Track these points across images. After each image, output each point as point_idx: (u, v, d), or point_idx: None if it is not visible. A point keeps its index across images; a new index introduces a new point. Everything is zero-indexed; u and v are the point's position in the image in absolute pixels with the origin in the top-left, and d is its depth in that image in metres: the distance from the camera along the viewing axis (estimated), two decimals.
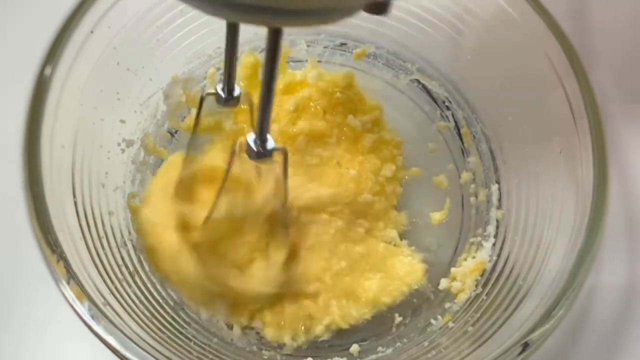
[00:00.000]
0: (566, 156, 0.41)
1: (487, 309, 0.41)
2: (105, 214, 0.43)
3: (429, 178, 0.52)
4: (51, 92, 0.38)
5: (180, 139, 0.51)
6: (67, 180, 0.40)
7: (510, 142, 0.48)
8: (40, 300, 0.48)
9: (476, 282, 0.45)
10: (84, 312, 0.34)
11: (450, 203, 0.51)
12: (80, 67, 0.41)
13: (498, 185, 0.48)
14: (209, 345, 0.42)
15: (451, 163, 0.52)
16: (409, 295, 0.47)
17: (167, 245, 0.43)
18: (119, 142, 0.46)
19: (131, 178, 0.48)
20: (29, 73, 0.38)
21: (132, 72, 0.46)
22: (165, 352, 0.36)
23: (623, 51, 0.59)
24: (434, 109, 0.54)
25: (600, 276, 0.51)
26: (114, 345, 0.34)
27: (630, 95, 0.58)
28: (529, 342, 0.35)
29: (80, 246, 0.38)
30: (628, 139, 0.55)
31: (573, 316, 0.49)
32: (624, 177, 0.54)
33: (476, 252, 0.47)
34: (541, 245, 0.41)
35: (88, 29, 0.41)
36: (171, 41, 0.48)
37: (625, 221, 0.53)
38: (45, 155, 0.37)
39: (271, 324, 0.46)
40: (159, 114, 0.50)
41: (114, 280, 0.39)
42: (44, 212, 0.36)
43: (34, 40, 0.38)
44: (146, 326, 0.38)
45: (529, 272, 0.41)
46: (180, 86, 0.50)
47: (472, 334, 0.40)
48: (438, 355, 0.40)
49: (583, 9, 0.59)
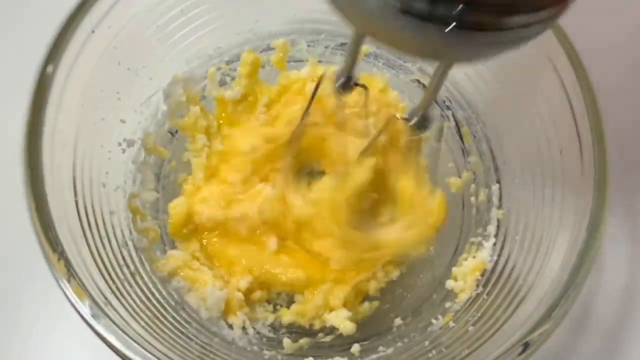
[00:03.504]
0: (566, 156, 0.41)
1: (488, 309, 0.41)
2: (106, 213, 0.43)
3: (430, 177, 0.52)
4: (52, 92, 0.38)
5: (181, 139, 0.52)
6: (68, 180, 0.40)
7: (511, 141, 0.48)
8: (40, 300, 0.48)
9: (477, 282, 0.45)
10: (85, 312, 0.34)
11: (450, 202, 0.51)
12: (81, 67, 0.41)
13: (498, 185, 0.48)
14: (209, 344, 0.42)
15: (451, 163, 0.52)
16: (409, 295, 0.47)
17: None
18: (120, 141, 0.46)
19: (132, 178, 0.48)
20: (30, 73, 0.38)
21: (133, 72, 0.46)
22: (166, 352, 0.36)
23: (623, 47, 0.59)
24: (435, 108, 0.53)
25: (600, 276, 0.51)
26: (115, 344, 0.34)
27: (630, 94, 0.58)
28: (529, 342, 0.35)
29: (81, 246, 0.38)
30: (628, 138, 0.55)
31: (573, 316, 0.49)
32: (624, 177, 0.54)
33: (477, 251, 0.47)
34: (541, 245, 0.41)
35: (89, 29, 0.41)
36: (171, 41, 0.48)
37: (626, 221, 0.53)
38: (46, 154, 0.37)
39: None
40: (160, 113, 0.50)
41: (115, 279, 0.39)
42: (45, 211, 0.36)
43: (35, 40, 0.38)
44: (147, 326, 0.38)
45: (529, 272, 0.41)
46: (181, 86, 0.50)
47: (473, 334, 0.40)
48: (439, 355, 0.40)
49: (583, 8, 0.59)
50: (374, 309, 0.49)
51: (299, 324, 0.48)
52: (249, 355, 0.44)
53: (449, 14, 0.24)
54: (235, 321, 0.46)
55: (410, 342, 0.44)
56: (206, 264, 0.48)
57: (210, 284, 0.46)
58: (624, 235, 0.53)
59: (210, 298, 0.45)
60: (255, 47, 0.52)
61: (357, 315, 0.48)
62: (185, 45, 0.49)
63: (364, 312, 0.48)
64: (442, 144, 0.52)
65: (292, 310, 0.48)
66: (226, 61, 0.52)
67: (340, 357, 0.44)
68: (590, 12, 0.59)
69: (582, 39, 0.41)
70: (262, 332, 0.47)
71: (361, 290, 0.48)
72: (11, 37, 0.58)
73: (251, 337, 0.46)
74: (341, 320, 0.46)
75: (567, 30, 0.41)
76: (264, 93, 0.52)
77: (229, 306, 0.47)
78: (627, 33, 0.60)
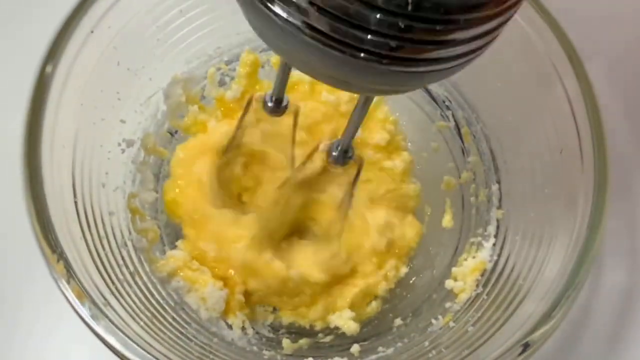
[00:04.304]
0: (566, 156, 0.41)
1: (488, 309, 0.41)
2: (106, 214, 0.43)
3: (430, 177, 0.52)
4: (52, 92, 0.38)
5: (180, 140, 0.51)
6: (67, 180, 0.40)
7: (511, 141, 0.48)
8: (40, 301, 0.48)
9: (477, 282, 0.45)
10: (85, 312, 0.34)
11: (450, 203, 0.51)
12: (81, 67, 0.41)
13: (498, 185, 0.48)
14: (209, 345, 0.42)
15: (451, 162, 0.52)
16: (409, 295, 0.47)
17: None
18: (119, 142, 0.46)
19: (131, 178, 0.47)
20: (29, 73, 0.38)
21: (132, 72, 0.46)
22: (166, 352, 0.36)
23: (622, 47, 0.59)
24: (434, 108, 0.53)
25: (600, 276, 0.51)
26: (114, 345, 0.34)
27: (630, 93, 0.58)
28: (529, 342, 0.35)
29: (80, 246, 0.38)
30: (628, 138, 0.55)
31: (573, 316, 0.49)
32: (624, 177, 0.54)
33: (476, 252, 0.47)
34: (541, 245, 0.41)
35: (88, 29, 0.41)
36: (171, 41, 0.48)
37: (626, 221, 0.53)
38: (45, 155, 0.37)
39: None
40: (159, 114, 0.50)
41: (115, 280, 0.39)
42: (44, 212, 0.36)
43: (35, 40, 0.38)
44: (147, 326, 0.38)
45: (529, 272, 0.41)
46: (180, 86, 0.50)
47: (473, 334, 0.40)
48: (439, 355, 0.40)
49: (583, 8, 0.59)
50: (380, 309, 0.49)
51: (298, 324, 0.48)
52: (249, 355, 0.44)
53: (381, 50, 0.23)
54: (234, 321, 0.46)
55: (410, 343, 0.44)
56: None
57: (210, 284, 0.46)
58: (624, 235, 0.53)
59: (210, 298, 0.45)
60: (255, 47, 0.52)
61: (361, 316, 0.48)
62: (185, 45, 0.49)
63: (369, 313, 0.48)
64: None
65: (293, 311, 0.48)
66: (226, 61, 0.52)
67: (339, 357, 0.43)
68: (590, 11, 0.59)
69: (582, 39, 0.41)
70: (262, 333, 0.47)
71: (370, 292, 0.49)
72: (10, 37, 0.58)
73: (250, 338, 0.46)
74: (345, 320, 0.47)
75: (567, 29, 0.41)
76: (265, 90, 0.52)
77: (229, 306, 0.47)
78: (626, 32, 0.60)
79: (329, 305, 0.48)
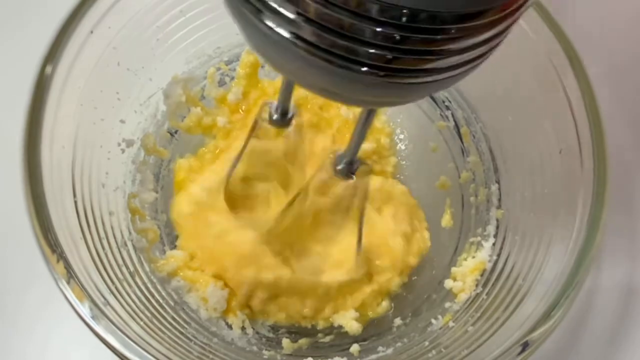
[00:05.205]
0: (566, 156, 0.41)
1: (487, 309, 0.41)
2: (106, 214, 0.43)
3: (430, 177, 0.52)
4: (51, 92, 0.38)
5: (180, 139, 0.52)
6: (67, 180, 0.40)
7: (510, 141, 0.48)
8: (40, 301, 0.48)
9: (476, 282, 0.45)
10: (85, 312, 0.34)
11: (450, 203, 0.51)
12: (81, 67, 0.41)
13: (498, 185, 0.48)
14: (209, 345, 0.42)
15: (451, 162, 0.52)
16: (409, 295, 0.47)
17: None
18: (119, 142, 0.46)
19: (131, 178, 0.47)
20: (29, 73, 0.38)
21: (132, 72, 0.46)
22: (166, 352, 0.36)
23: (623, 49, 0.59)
24: (434, 108, 0.53)
25: (600, 276, 0.51)
26: (114, 345, 0.34)
27: (630, 94, 0.58)
28: (528, 342, 0.35)
29: (80, 246, 0.38)
30: (628, 139, 0.55)
31: (573, 316, 0.49)
32: (624, 176, 0.54)
33: (476, 251, 0.47)
34: (541, 245, 0.41)
35: (88, 29, 0.41)
36: (171, 41, 0.48)
37: (626, 221, 0.53)
38: (45, 155, 0.37)
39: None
40: (159, 114, 0.50)
41: (115, 280, 0.39)
42: (44, 212, 0.36)
43: (34, 40, 0.38)
44: (146, 326, 0.38)
45: (529, 272, 0.41)
46: (180, 86, 0.50)
47: (472, 334, 0.40)
48: (438, 355, 0.40)
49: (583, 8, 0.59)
50: (392, 309, 0.49)
51: (298, 324, 0.48)
52: (248, 355, 0.44)
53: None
54: (234, 321, 0.46)
55: (409, 342, 0.44)
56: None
57: (211, 283, 0.46)
58: (624, 235, 0.53)
59: (212, 298, 0.45)
60: None
61: (367, 317, 0.48)
62: (185, 45, 0.49)
63: (379, 313, 0.48)
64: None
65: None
66: (226, 61, 0.52)
67: (339, 357, 0.44)
68: (590, 12, 0.59)
69: (581, 39, 0.41)
70: (262, 332, 0.47)
71: (383, 290, 0.48)
72: (10, 37, 0.58)
73: (250, 337, 0.46)
74: (348, 320, 0.46)
75: (567, 29, 0.41)
76: (266, 90, 0.52)
77: (229, 306, 0.47)
78: (626, 31, 0.60)
79: (338, 306, 0.48)
